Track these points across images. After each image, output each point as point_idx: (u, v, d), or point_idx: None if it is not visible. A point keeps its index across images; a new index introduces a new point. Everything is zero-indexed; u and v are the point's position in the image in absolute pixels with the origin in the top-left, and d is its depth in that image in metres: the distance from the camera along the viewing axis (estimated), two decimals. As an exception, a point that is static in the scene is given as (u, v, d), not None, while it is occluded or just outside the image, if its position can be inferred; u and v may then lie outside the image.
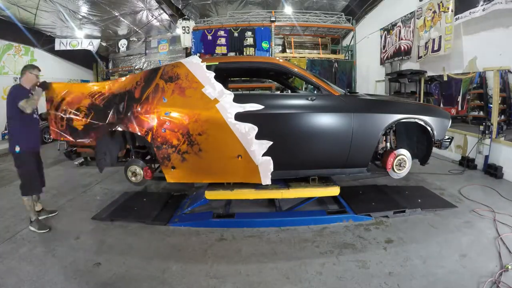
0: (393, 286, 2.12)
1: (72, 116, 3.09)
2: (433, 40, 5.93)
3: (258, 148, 2.93)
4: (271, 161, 2.96)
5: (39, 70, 3.18)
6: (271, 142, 2.92)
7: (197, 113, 2.91)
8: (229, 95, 2.95)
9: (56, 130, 3.14)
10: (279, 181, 3.35)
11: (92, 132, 3.10)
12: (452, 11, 5.33)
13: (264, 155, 2.96)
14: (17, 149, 2.97)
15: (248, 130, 2.89)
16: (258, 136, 2.92)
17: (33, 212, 3.12)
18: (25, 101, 2.88)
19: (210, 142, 2.93)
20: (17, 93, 2.97)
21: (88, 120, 3.08)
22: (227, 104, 2.90)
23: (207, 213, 3.29)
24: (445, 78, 5.80)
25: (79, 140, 3.17)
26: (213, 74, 3.04)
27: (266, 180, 3.02)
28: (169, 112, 2.95)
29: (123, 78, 3.36)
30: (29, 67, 3.12)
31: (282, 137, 3.00)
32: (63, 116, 3.10)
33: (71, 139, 3.18)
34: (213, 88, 2.97)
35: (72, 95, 3.16)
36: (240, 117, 2.90)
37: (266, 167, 2.98)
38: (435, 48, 5.89)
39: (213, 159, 3.02)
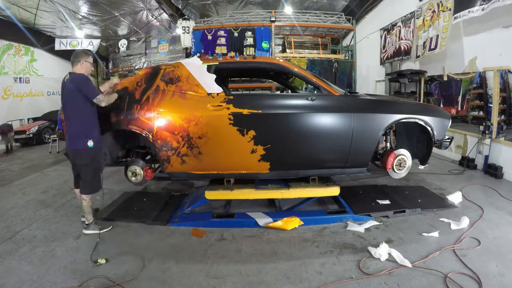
0: (393, 286, 2.12)
1: None
2: (431, 38, 5.93)
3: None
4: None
5: (92, 56, 2.92)
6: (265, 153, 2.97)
7: (198, 116, 2.92)
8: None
9: None
10: (279, 181, 3.36)
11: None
12: (451, 10, 5.33)
13: (264, 156, 2.98)
14: (90, 143, 2.73)
15: (247, 134, 2.90)
16: (259, 137, 2.93)
17: (91, 213, 2.93)
18: (103, 95, 2.72)
19: (210, 146, 2.95)
20: (89, 82, 2.72)
21: None
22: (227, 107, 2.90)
23: (207, 213, 3.28)
24: (445, 78, 5.80)
25: None
26: (214, 76, 3.03)
27: None
28: (170, 114, 2.95)
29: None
30: (83, 55, 2.79)
31: (282, 137, 3.00)
32: None
33: None
34: (213, 91, 2.97)
35: None
36: (239, 118, 2.91)
37: None
38: (432, 47, 5.89)
39: (212, 162, 3.04)
